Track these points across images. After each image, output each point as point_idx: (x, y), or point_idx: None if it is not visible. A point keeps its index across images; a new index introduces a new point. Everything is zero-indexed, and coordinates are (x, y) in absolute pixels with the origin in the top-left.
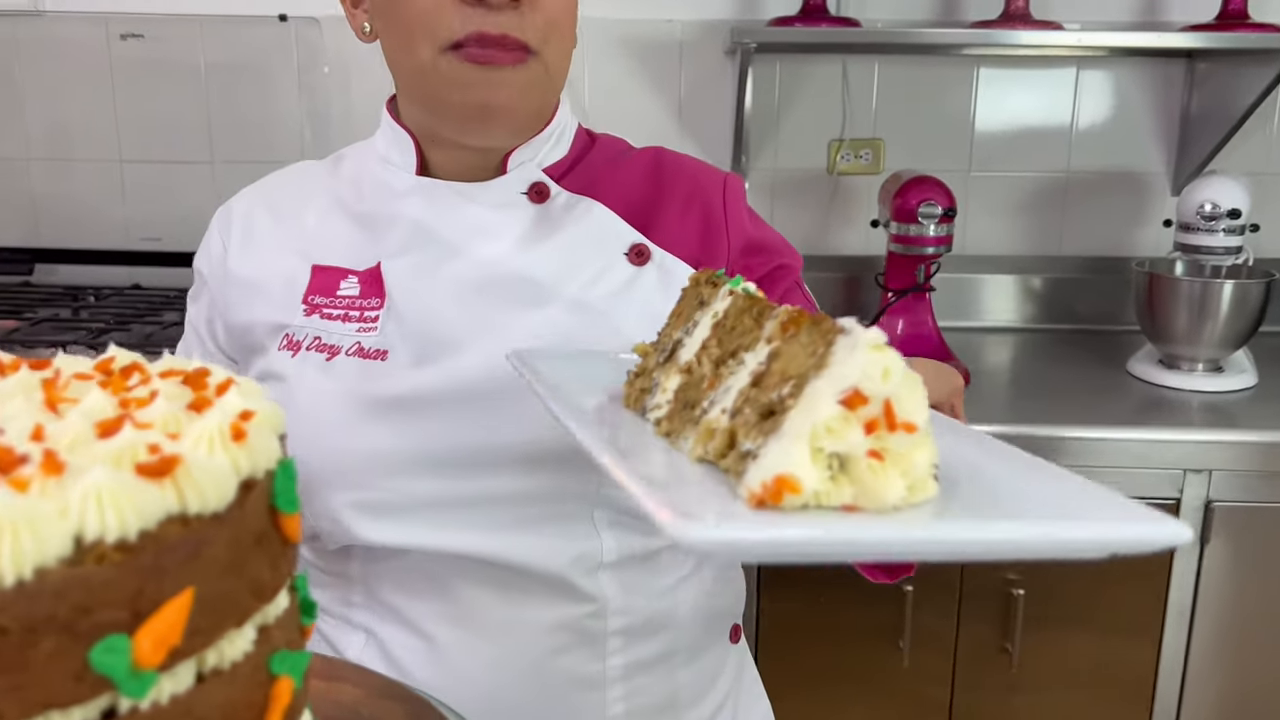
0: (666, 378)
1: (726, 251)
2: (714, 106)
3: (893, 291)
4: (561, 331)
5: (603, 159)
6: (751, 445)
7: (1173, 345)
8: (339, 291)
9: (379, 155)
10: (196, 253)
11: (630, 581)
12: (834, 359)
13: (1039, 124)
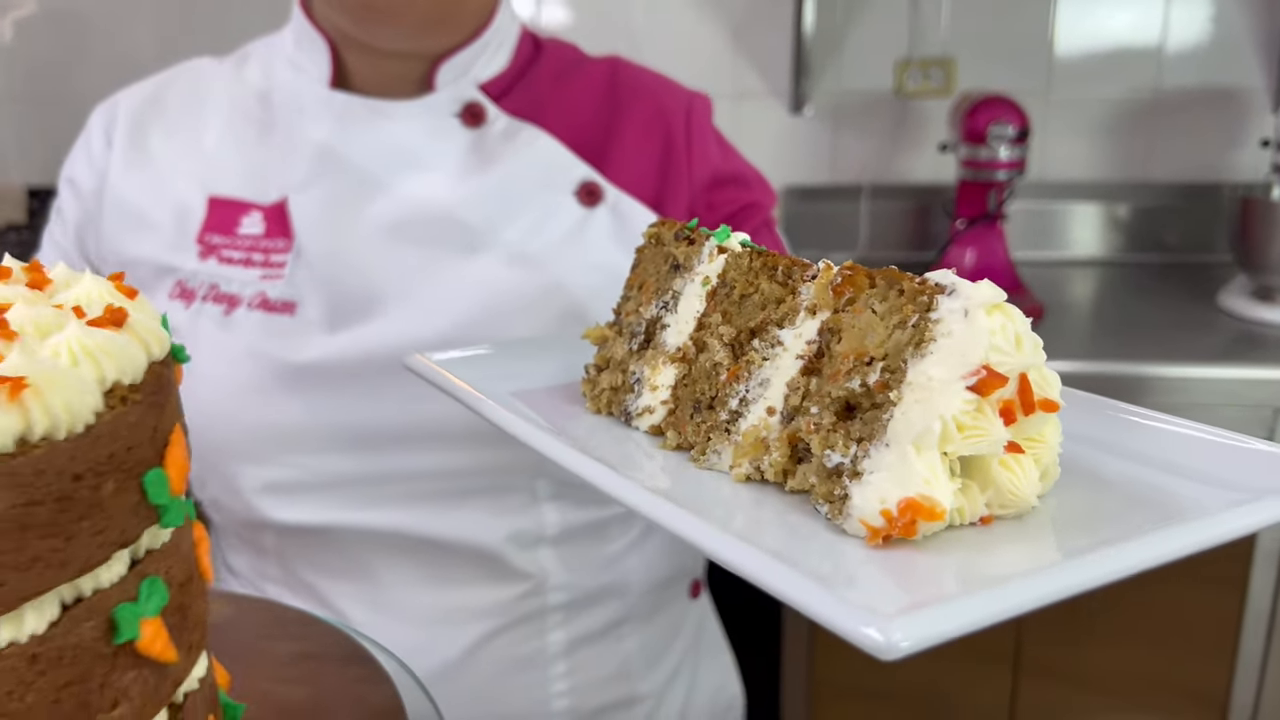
0: (653, 370)
1: (688, 185)
2: (772, 25)
3: (962, 219)
4: (496, 284)
5: (550, 73)
6: (841, 458)
7: (1268, 276)
8: (239, 230)
9: (288, 58)
10: (68, 158)
11: (573, 555)
12: (940, 329)
13: (1125, 39)
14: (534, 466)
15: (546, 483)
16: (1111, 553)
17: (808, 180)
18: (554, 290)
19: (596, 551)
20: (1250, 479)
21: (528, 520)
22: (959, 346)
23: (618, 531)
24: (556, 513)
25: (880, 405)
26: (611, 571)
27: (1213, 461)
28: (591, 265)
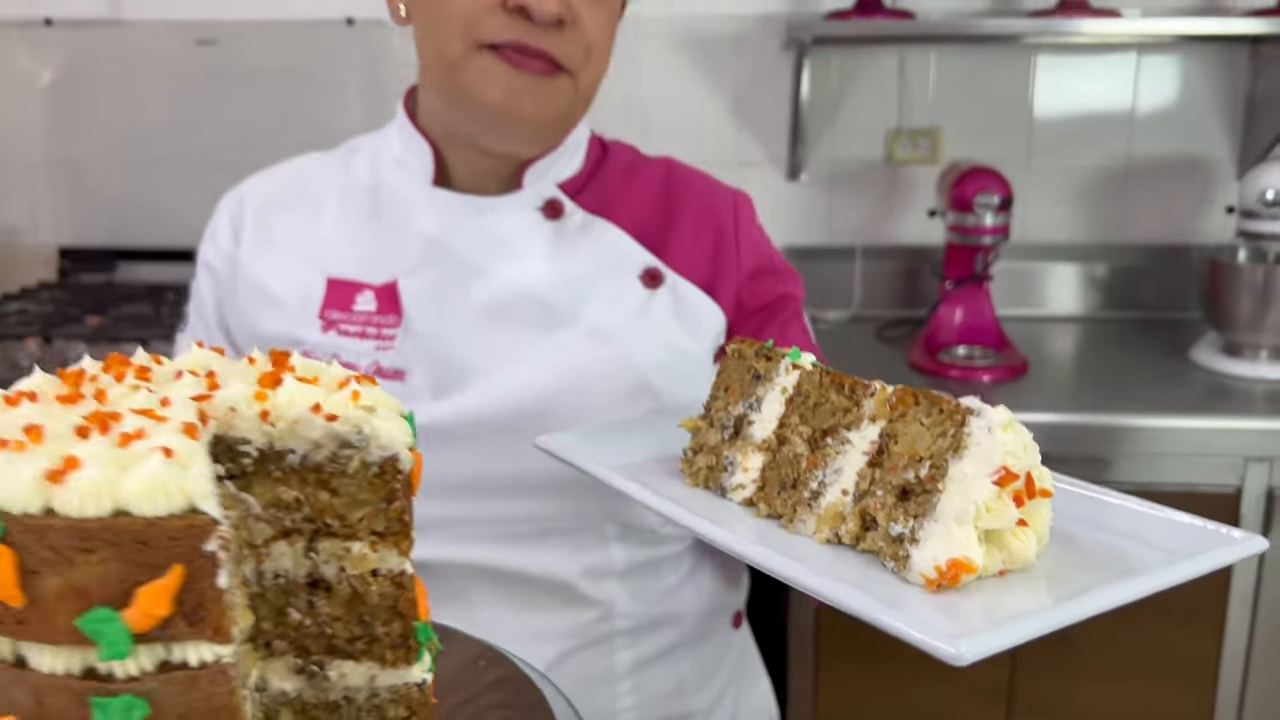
0: (744, 456)
1: (736, 273)
2: (771, 98)
3: (951, 281)
4: (574, 356)
5: (616, 173)
6: (902, 529)
7: (1236, 333)
8: (355, 307)
9: (394, 157)
10: (201, 242)
11: (636, 586)
12: (971, 439)
13: (1099, 110)
14: (603, 512)
15: (613, 526)
16: (1085, 598)
17: (805, 241)
18: (624, 362)
19: (655, 584)
20: (1180, 544)
21: (598, 557)
22: (985, 453)
23: (670, 568)
24: (622, 550)
25: (929, 492)
26: (668, 602)
27: (1153, 530)
28: (655, 340)
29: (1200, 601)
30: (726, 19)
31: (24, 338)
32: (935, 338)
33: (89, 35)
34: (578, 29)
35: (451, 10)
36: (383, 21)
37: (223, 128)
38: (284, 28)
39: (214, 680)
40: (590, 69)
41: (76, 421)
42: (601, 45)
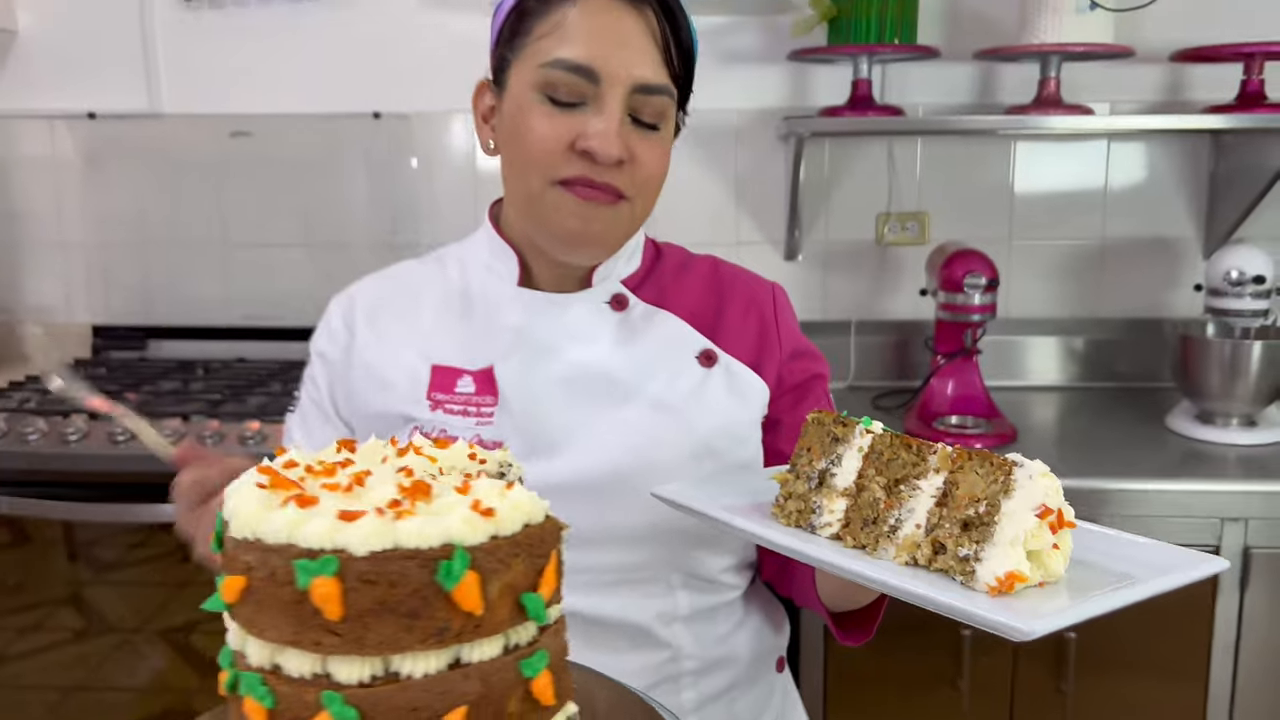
0: (829, 500)
1: (778, 354)
2: (769, 185)
3: (942, 355)
4: (645, 427)
5: (670, 269)
6: (968, 551)
7: (1207, 402)
8: (456, 389)
9: (483, 263)
10: (315, 335)
11: (699, 630)
12: (1018, 485)
13: (1074, 194)
14: (670, 563)
15: (678, 575)
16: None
17: (802, 317)
18: (687, 430)
19: (713, 630)
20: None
21: (666, 603)
22: (1028, 494)
23: (725, 615)
24: (686, 597)
25: (987, 524)
26: (725, 645)
27: (1139, 551)
28: (712, 410)
29: (1185, 655)
30: (729, 113)
31: (69, 414)
32: (929, 407)
33: (129, 127)
34: (635, 165)
35: (531, 151)
36: (407, 115)
37: (252, 212)
38: (314, 120)
39: (561, 630)
40: (647, 195)
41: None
42: (656, 175)
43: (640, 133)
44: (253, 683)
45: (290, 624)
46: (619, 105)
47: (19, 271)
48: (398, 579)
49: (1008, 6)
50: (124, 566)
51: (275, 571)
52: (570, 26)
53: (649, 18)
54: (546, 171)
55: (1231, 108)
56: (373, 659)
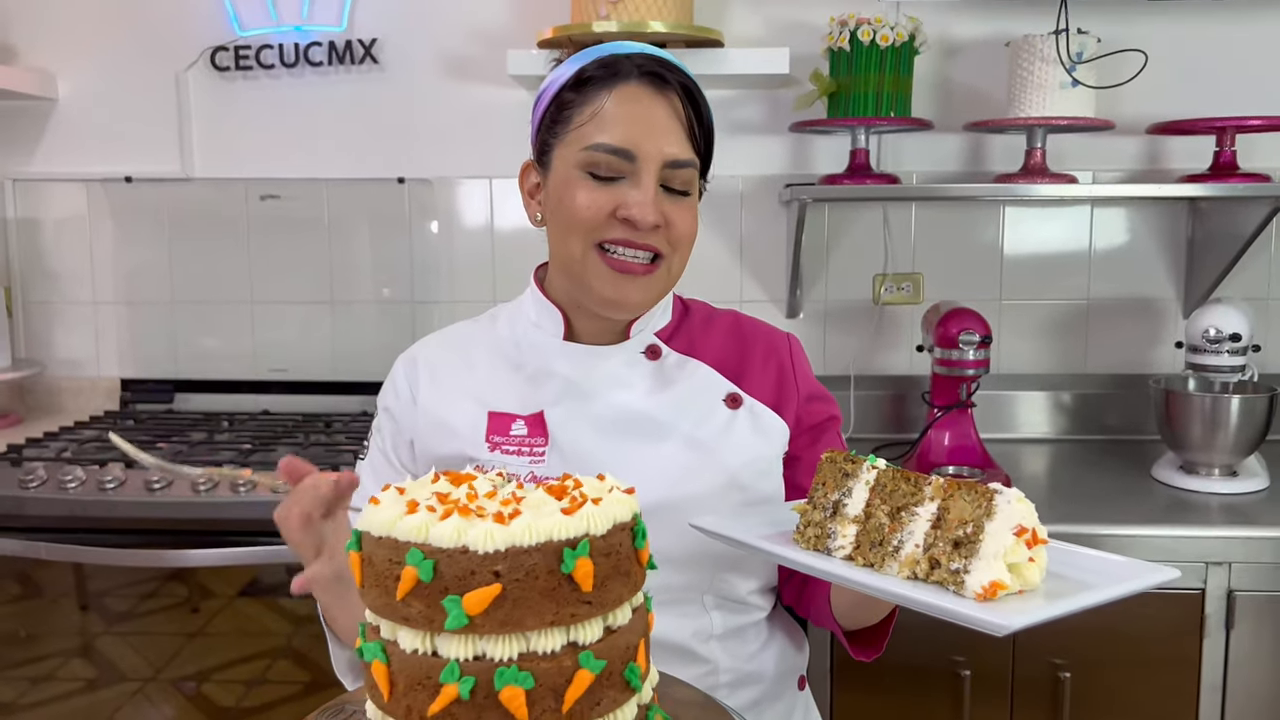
0: (843, 526)
1: (796, 398)
2: (771, 245)
3: (939, 408)
4: (680, 462)
5: (697, 323)
6: (958, 565)
7: (1190, 453)
8: (511, 432)
9: (531, 321)
10: (382, 392)
11: (731, 647)
12: (998, 509)
13: (1061, 257)
14: (704, 586)
15: (711, 597)
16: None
17: None
18: (717, 465)
19: (743, 648)
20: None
21: (702, 623)
22: (1008, 516)
23: (753, 634)
24: (720, 618)
25: (974, 541)
26: (754, 662)
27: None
28: (739, 447)
29: (1174, 694)
30: (735, 179)
31: (106, 462)
32: (927, 457)
33: (162, 190)
34: (670, 227)
35: (578, 217)
36: (429, 180)
37: (277, 272)
38: (340, 185)
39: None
40: (680, 254)
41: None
42: (688, 234)
43: (672, 199)
44: (510, 674)
45: (550, 607)
46: (653, 179)
47: (53, 326)
48: (619, 548)
49: (996, 82)
50: (135, 617)
51: (533, 568)
52: (607, 114)
53: (674, 102)
54: (590, 235)
55: (1206, 177)
56: (600, 618)
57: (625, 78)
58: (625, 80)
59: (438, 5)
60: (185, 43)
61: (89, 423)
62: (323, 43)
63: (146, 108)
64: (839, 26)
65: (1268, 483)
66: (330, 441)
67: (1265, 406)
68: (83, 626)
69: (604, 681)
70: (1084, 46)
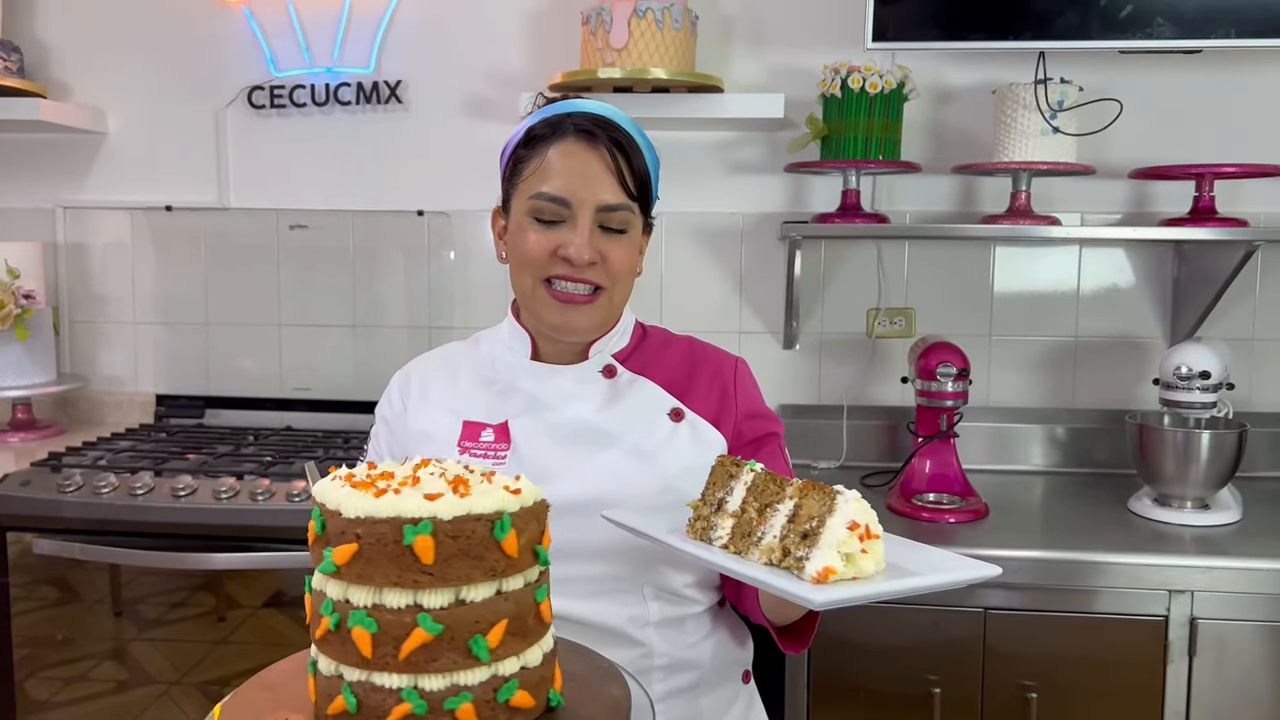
0: (722, 520)
1: (735, 414)
2: (768, 280)
3: (922, 437)
4: (623, 467)
5: (653, 347)
6: (802, 554)
7: (1163, 486)
8: (480, 438)
9: (505, 344)
10: (380, 403)
11: (668, 634)
12: (838, 507)
13: (1049, 295)
14: (642, 577)
15: (650, 588)
16: (875, 585)
17: (799, 401)
18: (657, 471)
19: (682, 637)
20: (951, 567)
21: (639, 611)
22: (845, 513)
23: (694, 626)
24: (657, 607)
25: (817, 533)
26: (692, 651)
27: (934, 559)
28: (678, 456)
29: (1138, 718)
30: (732, 216)
31: (137, 470)
32: (909, 485)
33: (200, 219)
34: (606, 262)
35: (528, 257)
36: (447, 213)
37: (303, 297)
38: (364, 216)
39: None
40: (620, 285)
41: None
42: (625, 270)
43: (610, 237)
44: (359, 617)
45: (394, 571)
46: (588, 222)
47: (96, 345)
48: (470, 534)
49: (985, 126)
50: (165, 624)
51: (382, 536)
52: (548, 166)
53: (604, 155)
54: (537, 271)
55: (1185, 221)
56: (450, 590)
57: (564, 135)
58: (564, 137)
59: (458, 50)
60: (225, 82)
61: (125, 434)
62: (351, 83)
63: (187, 142)
64: (832, 74)
65: (1239, 515)
66: (347, 456)
67: (1235, 442)
68: (116, 631)
69: (443, 643)
70: (1065, 95)
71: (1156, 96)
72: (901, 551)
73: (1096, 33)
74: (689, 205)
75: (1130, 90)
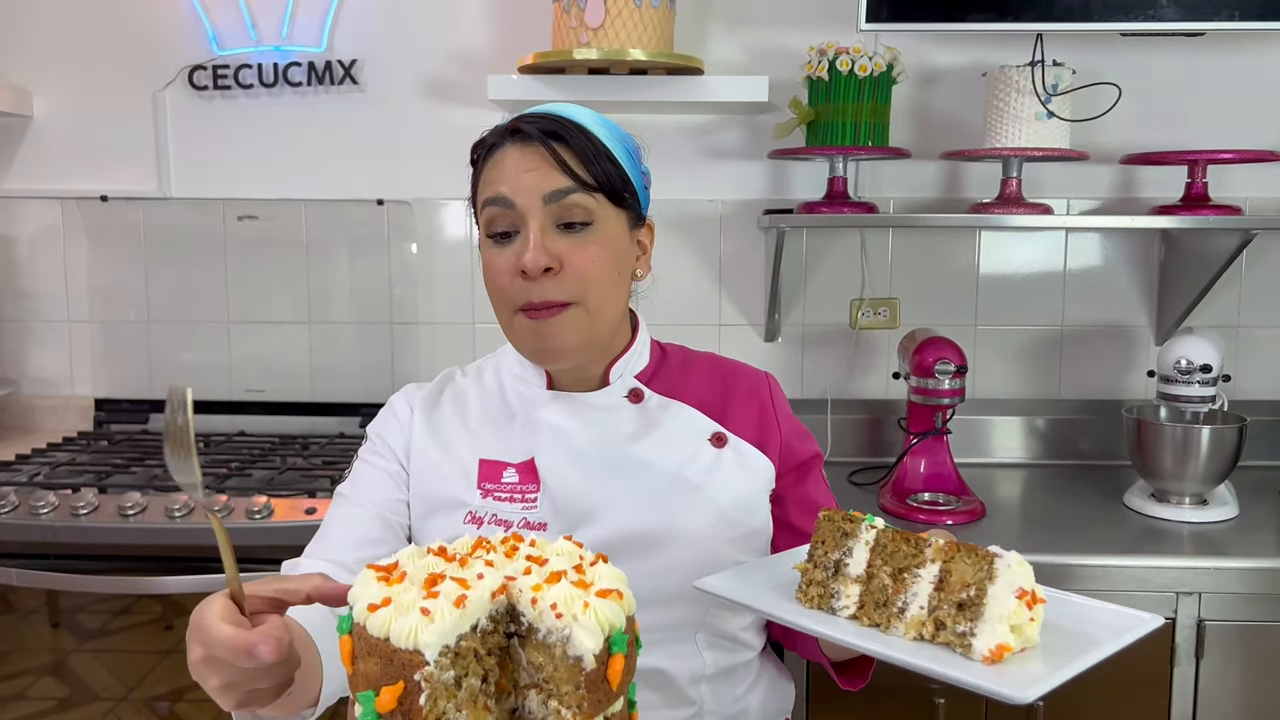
0: (845, 587)
1: (779, 435)
2: (749, 269)
3: (914, 434)
4: (668, 498)
5: (675, 365)
6: (964, 628)
7: (1161, 481)
8: (503, 479)
9: (514, 374)
10: (378, 421)
11: (718, 690)
12: (999, 572)
13: (1035, 283)
14: (696, 623)
15: (704, 635)
16: (1073, 663)
17: None
18: (706, 500)
19: (732, 689)
20: (1117, 624)
21: (695, 664)
22: (1008, 580)
23: (743, 674)
24: (712, 657)
25: (978, 604)
26: (739, 704)
27: (1095, 614)
28: (726, 485)
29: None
30: (714, 203)
31: (79, 488)
32: (903, 484)
33: (139, 209)
34: (567, 269)
35: (494, 285)
36: (409, 203)
37: (254, 292)
38: (318, 206)
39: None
40: (595, 293)
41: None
42: (595, 273)
43: (570, 237)
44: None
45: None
46: (538, 221)
47: (27, 345)
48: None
49: (974, 111)
50: (108, 634)
51: None
52: (491, 172)
53: (538, 148)
54: (509, 301)
55: (1177, 208)
56: None
57: (497, 144)
58: (497, 146)
59: (418, 28)
60: (163, 61)
61: (62, 444)
62: (302, 63)
63: (123, 126)
64: (818, 56)
65: (1237, 511)
66: (308, 465)
67: (1235, 436)
68: (54, 644)
69: None
70: (1059, 78)
71: (1149, 81)
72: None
73: (1099, 14)
74: (666, 192)
75: (1121, 74)
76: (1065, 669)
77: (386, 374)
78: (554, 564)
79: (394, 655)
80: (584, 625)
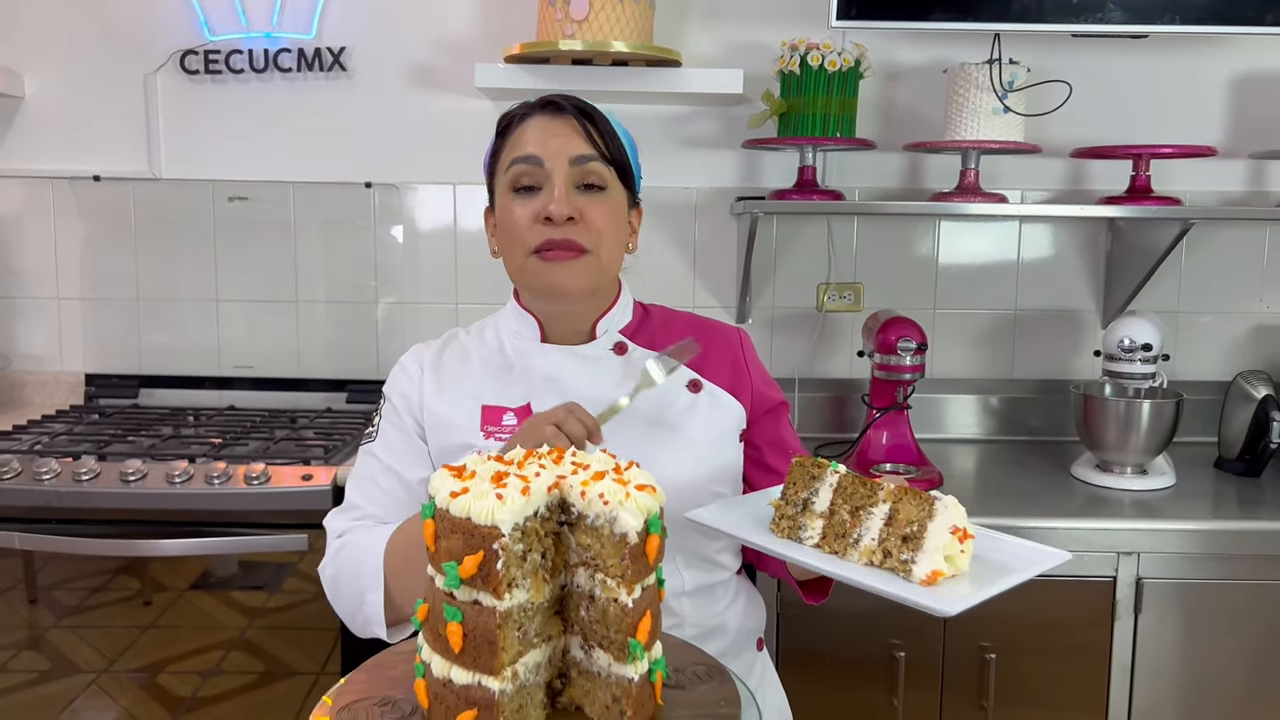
0: (810, 520)
1: (750, 384)
2: (722, 254)
3: (877, 409)
4: (649, 437)
5: (657, 322)
6: (906, 556)
7: (1105, 452)
8: (503, 422)
9: (512, 330)
10: (391, 380)
11: (698, 605)
12: (938, 512)
13: (990, 269)
14: (676, 545)
15: (683, 556)
16: (991, 586)
17: None
18: (681, 439)
19: (711, 606)
20: (1031, 557)
21: (675, 581)
22: (946, 518)
23: (721, 592)
24: (690, 575)
25: (919, 537)
26: (718, 618)
27: (1013, 549)
28: (700, 424)
29: (1088, 674)
30: (689, 190)
31: (80, 455)
32: (866, 455)
33: (130, 189)
34: (586, 221)
35: (514, 229)
36: (396, 186)
37: (243, 272)
38: (307, 188)
39: (488, 616)
40: (605, 246)
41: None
42: (608, 229)
43: (588, 196)
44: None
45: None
46: (563, 178)
47: (15, 322)
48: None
49: (935, 106)
50: (86, 610)
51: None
52: (520, 138)
53: (570, 120)
54: (525, 243)
55: (1123, 199)
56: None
57: (532, 112)
58: (532, 113)
59: (406, 16)
60: (154, 45)
61: (55, 416)
62: (292, 49)
63: (114, 108)
64: (790, 51)
65: (1174, 480)
66: (298, 437)
67: (1173, 411)
68: (31, 619)
69: None
70: (1015, 76)
71: (1098, 79)
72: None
73: (1052, 16)
74: (643, 179)
75: (1072, 72)
76: (985, 590)
77: (371, 352)
78: (596, 466)
79: (475, 530)
80: (628, 509)
